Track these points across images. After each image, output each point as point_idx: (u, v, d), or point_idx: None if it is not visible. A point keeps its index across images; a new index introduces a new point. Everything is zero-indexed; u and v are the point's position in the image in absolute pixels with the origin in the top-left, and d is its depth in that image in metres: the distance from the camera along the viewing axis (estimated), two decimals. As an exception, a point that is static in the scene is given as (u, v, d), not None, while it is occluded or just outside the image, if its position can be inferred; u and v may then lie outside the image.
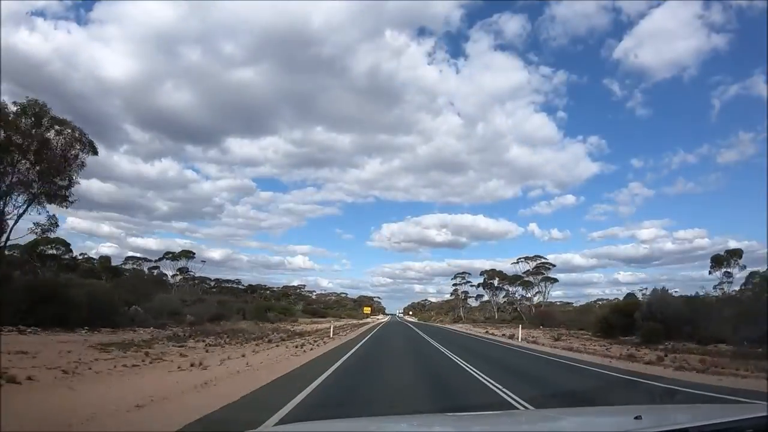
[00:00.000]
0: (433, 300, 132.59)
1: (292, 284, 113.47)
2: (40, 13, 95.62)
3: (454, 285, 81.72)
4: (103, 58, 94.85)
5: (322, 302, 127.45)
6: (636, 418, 2.08)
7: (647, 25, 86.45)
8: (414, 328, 47.94)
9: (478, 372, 11.79)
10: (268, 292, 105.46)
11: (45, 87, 71.36)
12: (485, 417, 3.40)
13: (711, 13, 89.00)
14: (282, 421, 5.76)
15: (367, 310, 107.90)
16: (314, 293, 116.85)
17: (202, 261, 70.55)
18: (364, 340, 25.12)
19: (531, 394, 8.46)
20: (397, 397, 8.24)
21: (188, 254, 66.90)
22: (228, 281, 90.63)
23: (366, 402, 7.87)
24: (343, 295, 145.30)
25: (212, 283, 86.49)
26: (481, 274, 72.63)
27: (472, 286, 79.52)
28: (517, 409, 6.79)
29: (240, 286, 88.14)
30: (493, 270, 71.21)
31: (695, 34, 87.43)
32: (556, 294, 76.03)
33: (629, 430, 2.02)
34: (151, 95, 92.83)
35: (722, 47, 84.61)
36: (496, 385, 9.56)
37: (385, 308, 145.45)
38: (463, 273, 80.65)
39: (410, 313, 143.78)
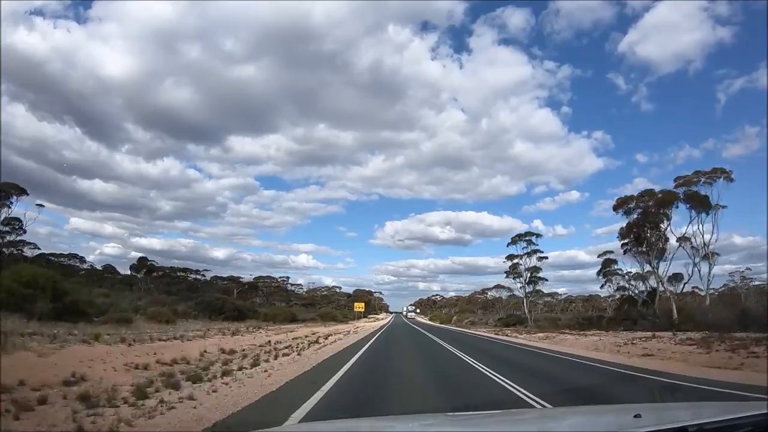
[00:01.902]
0: (446, 296, 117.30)
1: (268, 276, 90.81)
2: (39, 12, 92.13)
3: (510, 258, 46.28)
4: (103, 56, 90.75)
5: (307, 298, 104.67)
6: (635, 416, 2.05)
7: (652, 18, 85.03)
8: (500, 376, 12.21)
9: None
10: (225, 282, 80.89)
11: (45, 86, 71.96)
12: (487, 417, 3.24)
13: (716, 6, 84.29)
14: None
15: (359, 307, 73.99)
16: (303, 287, 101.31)
17: (38, 204, 37.09)
18: None
19: None
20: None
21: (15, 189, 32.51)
22: (194, 271, 71.35)
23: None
24: (336, 289, 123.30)
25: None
26: (620, 207, 32.39)
27: (541, 257, 44.50)
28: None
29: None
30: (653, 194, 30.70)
31: (700, 26, 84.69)
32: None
33: (629, 429, 1.96)
34: (151, 93, 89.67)
35: (728, 40, 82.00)
36: None
37: (388, 305, 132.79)
38: (527, 235, 45.16)
39: (417, 311, 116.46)
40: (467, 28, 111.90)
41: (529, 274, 44.59)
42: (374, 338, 25.91)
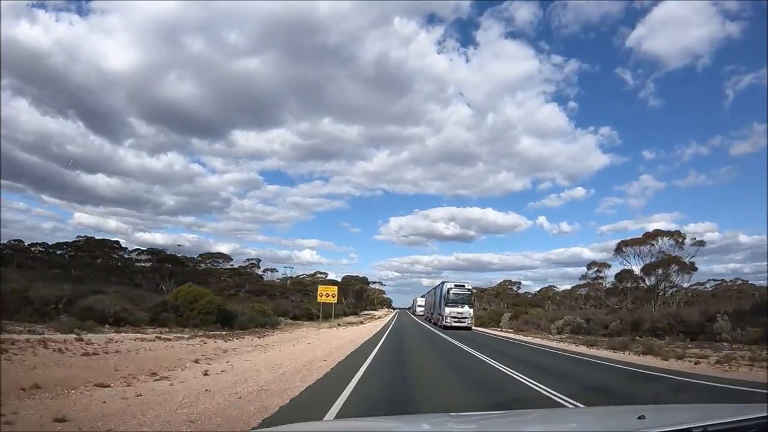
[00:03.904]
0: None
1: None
2: (41, 5, 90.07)
3: None
4: (105, 49, 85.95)
5: (276, 286, 79.40)
6: (639, 417, 2.05)
7: (660, 12, 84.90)
8: None
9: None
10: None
11: (47, 80, 72.08)
12: (490, 417, 3.28)
13: (725, 1, 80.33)
14: None
15: (326, 294, 35.92)
16: (279, 274, 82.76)
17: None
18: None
19: None
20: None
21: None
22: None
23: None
24: (321, 277, 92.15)
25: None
26: None
27: None
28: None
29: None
30: None
31: (709, 21, 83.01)
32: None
33: (633, 430, 1.96)
34: (155, 87, 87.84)
35: (736, 35, 77.93)
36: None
37: (391, 300, 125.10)
38: None
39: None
40: (474, 21, 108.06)
41: None
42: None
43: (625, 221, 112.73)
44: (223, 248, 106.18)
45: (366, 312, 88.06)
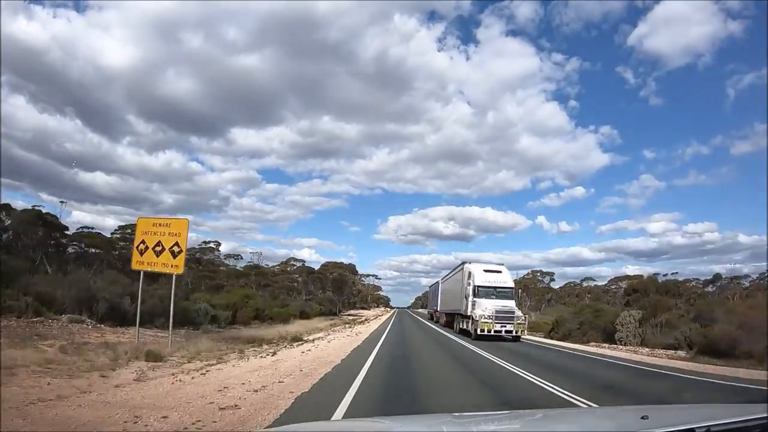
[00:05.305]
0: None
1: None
2: (39, 2, 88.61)
3: None
4: (103, 45, 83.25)
5: (230, 272, 58.14)
6: (642, 417, 2.09)
7: (663, 10, 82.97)
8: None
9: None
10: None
11: (45, 77, 76.51)
12: (493, 417, 3.36)
13: None
14: None
15: (156, 250, 15.44)
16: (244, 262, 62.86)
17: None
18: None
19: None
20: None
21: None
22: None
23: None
24: (294, 264, 74.83)
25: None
26: None
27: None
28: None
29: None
30: None
31: (711, 20, 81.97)
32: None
33: (636, 430, 2.00)
34: (153, 84, 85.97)
35: (738, 34, 78.22)
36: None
37: (389, 299, 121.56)
38: None
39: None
40: (475, 18, 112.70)
41: None
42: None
43: (625, 221, 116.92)
44: (223, 247, 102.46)
45: (351, 312, 65.70)
